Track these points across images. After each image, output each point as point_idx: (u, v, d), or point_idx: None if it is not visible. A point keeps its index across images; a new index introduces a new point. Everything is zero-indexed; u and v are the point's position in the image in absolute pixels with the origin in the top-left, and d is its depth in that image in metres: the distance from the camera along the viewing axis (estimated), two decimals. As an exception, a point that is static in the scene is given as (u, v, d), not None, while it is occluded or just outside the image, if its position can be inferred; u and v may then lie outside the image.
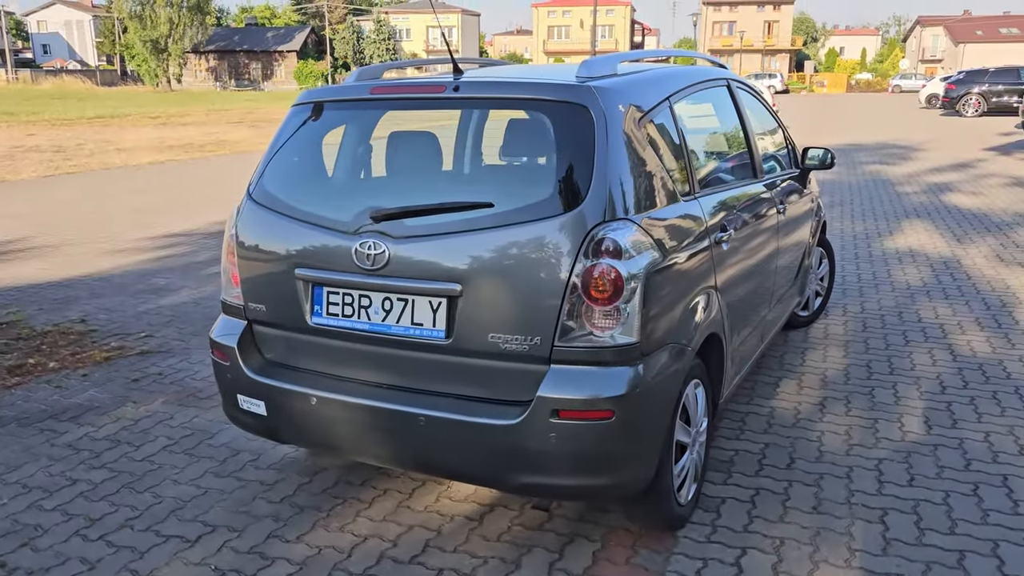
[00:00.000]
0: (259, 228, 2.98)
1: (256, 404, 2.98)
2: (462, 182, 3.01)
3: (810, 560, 2.84)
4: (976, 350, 4.94)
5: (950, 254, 7.54)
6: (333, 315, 2.81)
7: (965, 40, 77.41)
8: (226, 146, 20.81)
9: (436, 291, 2.61)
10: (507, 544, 2.97)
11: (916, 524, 3.05)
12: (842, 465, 3.52)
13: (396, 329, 2.70)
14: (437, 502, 3.28)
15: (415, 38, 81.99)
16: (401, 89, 2.90)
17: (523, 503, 3.23)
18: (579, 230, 2.47)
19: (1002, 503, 3.19)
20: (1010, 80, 29.50)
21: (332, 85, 3.10)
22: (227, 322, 3.13)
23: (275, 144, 3.09)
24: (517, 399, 2.58)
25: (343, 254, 2.73)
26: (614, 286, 2.46)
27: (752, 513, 3.15)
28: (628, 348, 2.50)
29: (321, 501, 3.30)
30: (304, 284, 2.85)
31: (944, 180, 12.64)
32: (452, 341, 2.61)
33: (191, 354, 5.10)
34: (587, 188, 2.51)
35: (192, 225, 9.67)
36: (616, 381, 2.49)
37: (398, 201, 2.75)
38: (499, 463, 2.58)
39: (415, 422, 2.64)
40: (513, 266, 2.52)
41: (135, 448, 3.80)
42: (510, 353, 2.55)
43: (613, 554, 2.90)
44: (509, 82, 2.81)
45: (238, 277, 3.03)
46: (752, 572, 2.78)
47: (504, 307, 2.53)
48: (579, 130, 2.58)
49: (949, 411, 4.06)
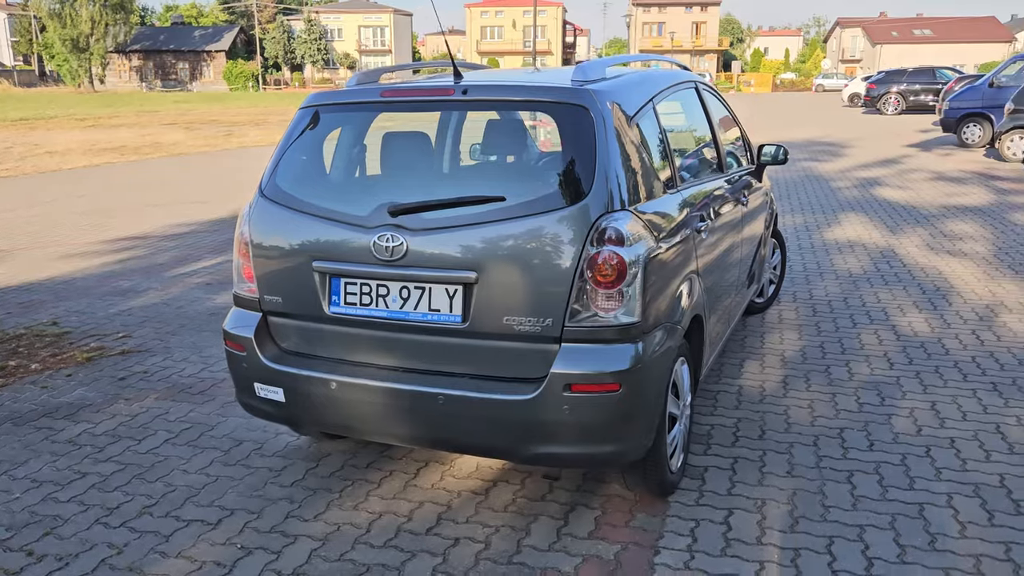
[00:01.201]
0: (273, 224, 3.14)
1: (274, 392, 3.14)
2: (467, 177, 3.21)
3: (790, 516, 3.15)
4: (917, 330, 5.37)
5: (885, 244, 8.05)
6: (351, 304, 3.00)
7: (882, 41, 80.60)
8: (162, 148, 20.48)
9: (453, 279, 2.82)
10: (514, 514, 3.20)
11: (879, 483, 3.39)
12: (808, 435, 3.85)
13: (414, 315, 2.90)
14: (442, 480, 3.48)
15: (347, 38, 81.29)
16: (411, 92, 3.10)
17: (524, 477, 3.46)
18: (585, 220, 2.72)
19: (952, 462, 3.55)
20: (926, 80, 30.97)
21: (339, 89, 3.27)
22: (241, 314, 3.28)
23: (285, 144, 3.26)
24: (530, 376, 2.81)
25: (361, 247, 2.92)
26: (618, 271, 2.71)
27: (733, 479, 3.44)
28: (630, 327, 2.76)
29: (331, 483, 3.47)
30: (321, 276, 3.02)
31: (873, 175, 13.33)
32: (468, 325, 2.83)
33: (172, 352, 5.18)
34: (590, 182, 2.76)
35: (145, 228, 9.61)
36: (621, 357, 2.75)
37: (411, 196, 2.95)
38: (515, 435, 2.81)
39: (434, 401, 2.85)
40: (525, 254, 2.75)
41: (137, 442, 3.90)
42: (523, 334, 2.78)
43: (613, 519, 3.15)
44: (514, 85, 3.04)
45: (252, 271, 3.19)
46: (740, 528, 3.07)
47: (518, 292, 2.76)
48: (581, 129, 2.83)
49: (898, 384, 4.45)
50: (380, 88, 3.15)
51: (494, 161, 3.40)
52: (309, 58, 79.09)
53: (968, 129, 18.08)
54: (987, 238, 8.25)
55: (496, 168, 3.35)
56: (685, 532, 3.06)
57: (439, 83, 3.05)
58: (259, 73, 75.64)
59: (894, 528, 3.05)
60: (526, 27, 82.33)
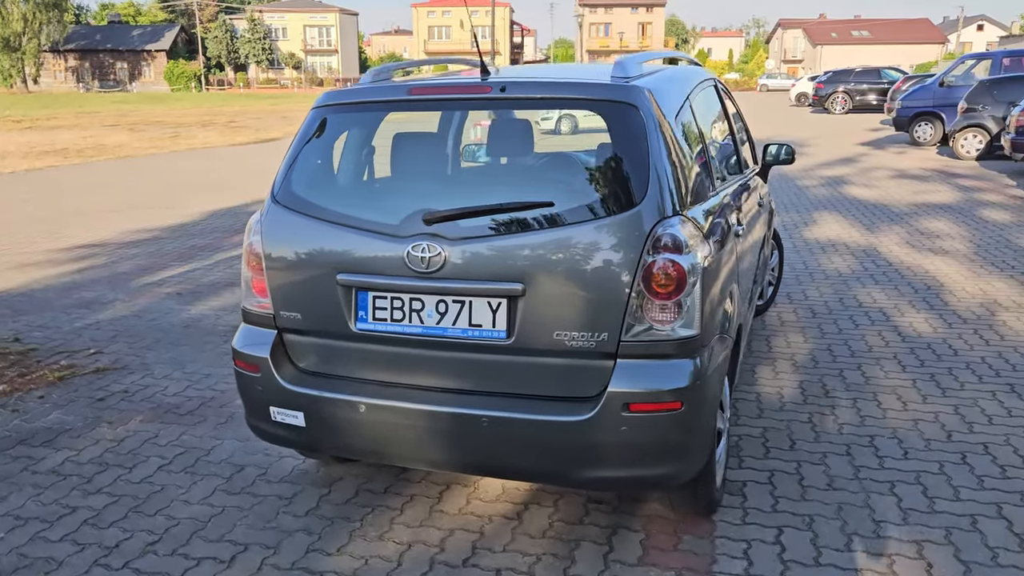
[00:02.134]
0: (290, 233, 2.88)
1: (293, 416, 2.89)
2: (501, 181, 3.00)
3: (842, 532, 3.01)
4: (919, 331, 5.32)
5: (867, 243, 8.05)
6: (380, 320, 2.76)
7: (822, 42, 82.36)
8: (107, 151, 19.72)
9: (496, 291, 2.61)
10: (554, 540, 2.99)
11: (923, 493, 3.27)
12: (839, 444, 3.72)
13: (453, 331, 2.68)
14: (469, 504, 3.26)
15: (292, 38, 79.92)
16: (444, 90, 2.87)
17: (556, 499, 3.26)
18: (641, 226, 2.53)
19: (991, 470, 3.46)
20: (872, 80, 31.65)
21: (356, 87, 3.02)
22: (251, 331, 3.01)
23: (298, 146, 3.00)
24: (581, 395, 2.61)
25: (393, 258, 2.68)
26: (676, 280, 2.53)
27: (775, 494, 3.29)
28: (690, 340, 2.58)
29: (349, 511, 3.22)
30: (346, 290, 2.78)
31: (837, 174, 13.44)
32: (514, 341, 2.61)
33: (152, 369, 4.84)
34: (645, 185, 2.57)
35: (101, 235, 9.14)
36: (681, 373, 2.56)
37: (444, 202, 2.72)
38: (567, 459, 2.61)
39: (477, 424, 2.63)
40: (577, 263, 2.55)
41: (128, 470, 3.59)
42: (575, 350, 2.58)
43: (659, 542, 2.97)
44: (556, 82, 2.84)
45: (265, 285, 2.92)
46: (794, 548, 2.92)
47: (569, 305, 2.56)
48: (631, 129, 2.64)
49: (915, 388, 4.36)
50: (408, 85, 2.90)
51: (528, 164, 3.18)
52: (253, 58, 77.56)
53: (920, 128, 18.44)
54: (964, 236, 8.31)
55: (532, 171, 3.13)
56: (738, 554, 2.89)
57: (475, 80, 2.83)
58: (201, 73, 73.89)
59: (951, 543, 2.93)
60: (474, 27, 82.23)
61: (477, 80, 2.82)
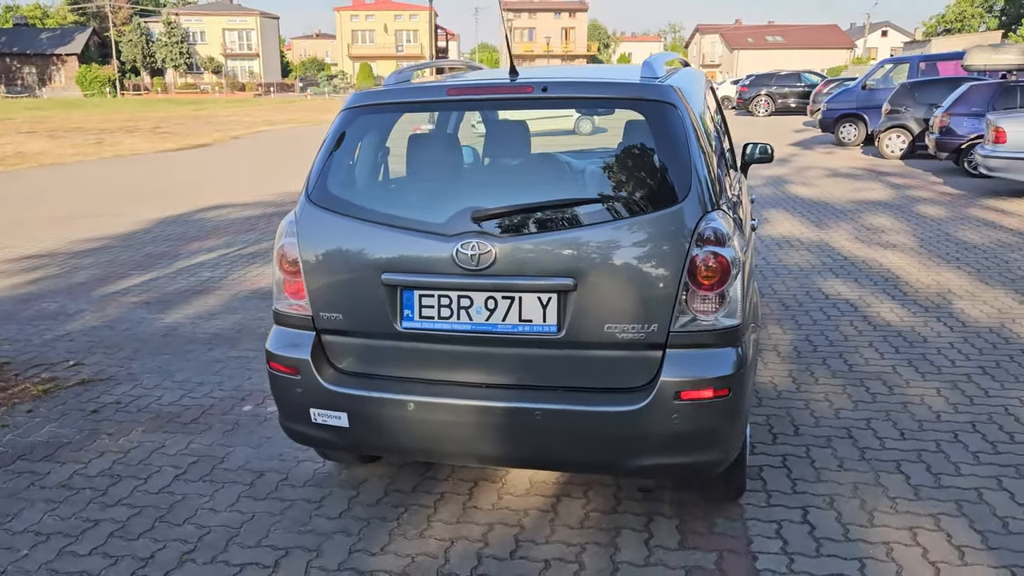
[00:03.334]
0: (329, 233, 2.88)
1: (336, 417, 2.89)
2: (541, 178, 3.05)
3: (863, 509, 3.17)
4: (888, 320, 5.59)
5: (819, 239, 8.38)
6: (427, 318, 2.78)
7: (739, 47, 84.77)
8: (29, 158, 18.94)
9: (547, 287, 2.66)
10: (594, 530, 3.07)
11: (928, 471, 3.47)
12: (839, 427, 3.90)
13: (503, 327, 2.72)
14: (501, 499, 3.31)
15: (211, 41, 77.92)
16: (483, 90, 2.92)
17: (586, 489, 3.33)
18: (688, 220, 2.63)
19: (983, 446, 3.68)
20: (792, 83, 32.77)
21: (386, 87, 3.04)
22: (287, 333, 3.00)
23: (331, 146, 2.99)
24: (630, 386, 2.70)
25: (440, 256, 2.71)
26: (721, 272, 2.63)
27: (791, 476, 3.44)
28: (733, 329, 2.68)
29: (383, 512, 3.23)
30: (390, 289, 2.79)
31: (776, 173, 13.91)
32: (564, 334, 2.68)
33: (140, 379, 4.72)
34: (687, 181, 2.67)
35: (48, 245, 8.80)
36: (727, 361, 2.67)
37: (488, 200, 2.77)
38: (619, 448, 2.68)
39: (530, 417, 2.68)
40: (627, 258, 2.63)
41: (143, 481, 3.51)
42: (625, 342, 2.66)
43: (694, 526, 3.07)
44: (597, 82, 2.91)
45: (301, 287, 2.91)
46: (823, 526, 3.06)
47: (620, 298, 2.64)
48: (672, 127, 2.73)
49: (896, 373, 4.60)
50: (445, 86, 2.94)
51: (563, 161, 3.23)
52: (171, 62, 75.34)
53: (844, 129, 19.21)
54: (907, 230, 8.73)
55: (568, 168, 3.19)
56: (772, 534, 3.01)
57: (516, 80, 2.88)
58: (116, 78, 71.39)
59: (964, 514, 3.11)
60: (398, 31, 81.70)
61: (519, 81, 2.88)
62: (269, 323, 5.70)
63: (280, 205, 11.33)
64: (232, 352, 5.16)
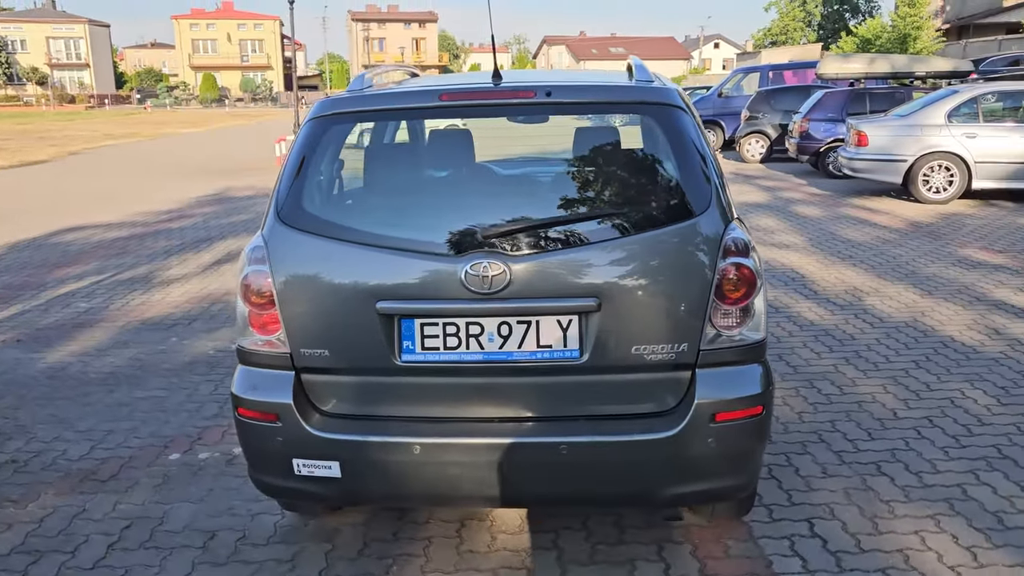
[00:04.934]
0: (308, 258, 2.53)
1: (325, 467, 2.53)
2: (550, 188, 2.79)
3: (864, 517, 3.12)
4: (810, 319, 5.71)
5: (717, 241, 8.55)
6: (431, 349, 2.48)
7: (585, 57, 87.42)
8: None
9: (568, 308, 2.43)
10: (606, 565, 2.85)
11: (907, 470, 3.49)
12: (808, 432, 3.88)
13: (519, 355, 2.47)
14: (495, 540, 3.03)
15: (33, 50, 72.04)
16: (480, 95, 2.64)
17: (584, 520, 3.10)
18: (716, 230, 2.47)
19: (945, 440, 3.75)
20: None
21: (364, 93, 2.71)
22: (257, 374, 2.61)
23: (300, 160, 2.63)
24: (659, 410, 2.51)
25: (447, 279, 2.42)
26: (747, 284, 2.49)
27: (783, 488, 3.36)
28: (759, 344, 2.55)
29: (369, 566, 2.88)
30: (386, 319, 2.47)
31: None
32: (588, 359, 2.45)
33: (34, 431, 4.10)
34: (708, 190, 2.52)
35: None
36: (757, 378, 2.53)
37: (493, 215, 2.51)
38: (653, 478, 2.49)
39: (555, 452, 2.44)
40: (655, 273, 2.45)
41: (70, 555, 2.99)
42: (654, 364, 2.47)
43: (708, 551, 2.92)
44: (602, 86, 2.71)
45: (278, 319, 2.54)
46: (833, 539, 2.98)
47: (648, 316, 2.44)
48: (686, 132, 2.57)
49: (840, 372, 4.66)
50: (437, 91, 2.64)
51: (572, 169, 2.94)
52: (-12, 72, 69.16)
53: (704, 135, 19.98)
54: (793, 230, 9.08)
55: (574, 178, 2.91)
56: (788, 552, 2.91)
57: (517, 85, 2.63)
58: (-78, 90, 64.76)
59: (958, 513, 3.13)
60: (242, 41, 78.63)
61: (520, 85, 2.63)
62: (173, 358, 5.18)
63: (148, 225, 10.45)
64: (138, 393, 4.59)
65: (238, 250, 8.65)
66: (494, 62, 2.80)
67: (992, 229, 8.94)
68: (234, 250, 8.67)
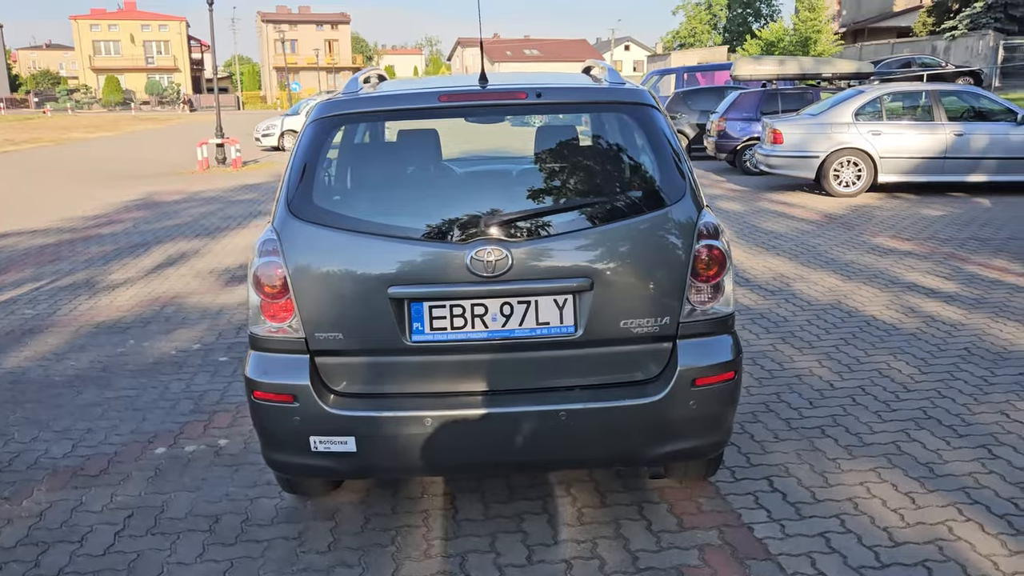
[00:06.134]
0: (321, 249, 2.72)
1: (341, 443, 2.72)
2: (542, 179, 3.03)
3: (815, 472, 3.49)
4: (746, 304, 6.13)
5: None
6: (439, 330, 2.71)
7: (500, 59, 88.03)
8: None
9: (564, 288, 2.70)
10: (595, 524, 3.12)
11: (848, 432, 3.88)
12: (757, 402, 4.26)
13: (520, 332, 2.72)
14: (489, 508, 3.25)
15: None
16: (478, 97, 2.87)
17: (568, 487, 3.37)
18: (690, 216, 2.78)
19: (878, 405, 4.18)
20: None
21: (365, 95, 2.90)
22: (271, 359, 2.78)
23: (308, 157, 2.81)
24: (645, 378, 2.80)
25: (453, 265, 2.65)
26: (719, 263, 2.81)
27: (742, 452, 3.70)
28: (728, 317, 2.87)
29: (375, 537, 3.08)
30: (397, 303, 2.69)
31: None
32: (582, 334, 2.72)
33: (10, 433, 4.11)
34: (683, 180, 2.82)
35: None
36: (728, 346, 2.85)
37: (490, 203, 2.75)
38: (642, 439, 2.77)
39: (555, 418, 2.70)
40: (640, 254, 2.73)
41: (78, 544, 3.08)
42: (640, 336, 2.76)
43: (683, 508, 3.22)
44: (587, 88, 2.97)
45: (292, 306, 2.72)
46: (792, 492, 3.32)
47: (634, 294, 2.73)
48: (661, 129, 2.87)
49: (778, 351, 5.07)
50: (435, 92, 2.86)
51: (558, 162, 3.19)
52: None
53: (624, 135, 20.61)
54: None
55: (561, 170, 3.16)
56: (753, 505, 3.24)
57: (509, 87, 2.87)
58: None
59: (896, 466, 3.53)
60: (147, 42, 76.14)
61: (512, 87, 2.88)
62: (136, 359, 5.22)
63: (77, 231, 10.23)
64: (108, 393, 4.63)
65: (177, 254, 8.61)
66: (482, 66, 3.04)
67: (899, 219, 9.64)
68: (173, 254, 8.62)
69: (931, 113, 11.24)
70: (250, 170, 18.42)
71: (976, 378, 4.51)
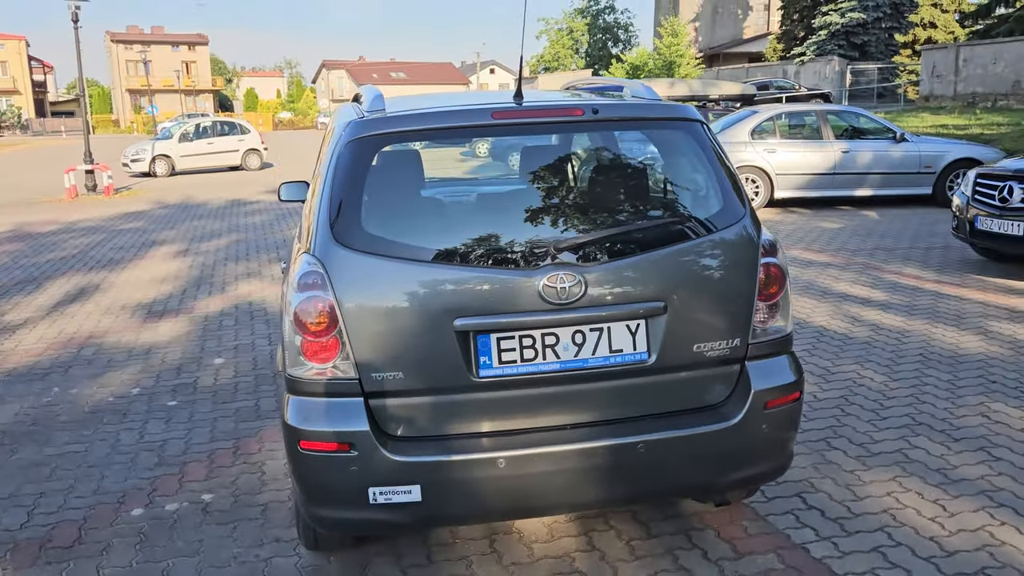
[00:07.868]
0: (376, 280, 2.47)
1: (405, 492, 2.47)
2: (605, 199, 2.86)
3: (839, 485, 3.49)
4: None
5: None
6: (509, 363, 2.51)
7: (365, 82, 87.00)
8: None
9: (637, 312, 2.56)
10: (649, 558, 2.98)
11: (852, 442, 3.93)
12: (753, 419, 4.25)
13: (593, 361, 2.56)
14: (533, 551, 3.06)
15: None
16: (534, 114, 2.69)
17: (608, 519, 3.22)
18: (753, 233, 2.72)
19: (869, 415, 4.27)
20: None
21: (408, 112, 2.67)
22: (320, 404, 2.50)
23: (352, 181, 2.55)
24: (714, 402, 2.70)
25: (524, 293, 2.47)
26: (778, 281, 2.76)
27: (761, 469, 3.67)
28: (788, 336, 2.82)
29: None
30: (463, 336, 2.48)
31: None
32: (656, 360, 2.60)
33: (-58, 505, 3.56)
34: (741, 197, 2.76)
35: None
36: (790, 365, 2.80)
37: (558, 227, 2.60)
38: (718, 466, 2.67)
39: (633, 451, 2.55)
40: (710, 275, 2.64)
41: (77, 631, 2.66)
42: (712, 359, 2.66)
43: (731, 533, 3.14)
44: (643, 104, 2.85)
45: (338, 345, 2.45)
46: (828, 508, 3.31)
47: (706, 315, 2.63)
48: (716, 145, 2.81)
49: (750, 365, 5.12)
50: (489, 109, 2.67)
51: (619, 181, 3.01)
52: None
53: (513, 156, 20.78)
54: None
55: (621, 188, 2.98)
56: (797, 524, 3.20)
57: (564, 103, 2.72)
58: None
59: (914, 474, 3.59)
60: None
61: (568, 104, 2.73)
62: (69, 409, 4.68)
63: (-55, 268, 9.19)
64: (49, 450, 4.11)
65: (75, 290, 7.87)
66: (519, 83, 2.86)
67: (804, 232, 10.09)
68: (71, 290, 7.87)
69: (820, 132, 11.88)
70: (124, 197, 17.28)
71: (944, 383, 4.70)
